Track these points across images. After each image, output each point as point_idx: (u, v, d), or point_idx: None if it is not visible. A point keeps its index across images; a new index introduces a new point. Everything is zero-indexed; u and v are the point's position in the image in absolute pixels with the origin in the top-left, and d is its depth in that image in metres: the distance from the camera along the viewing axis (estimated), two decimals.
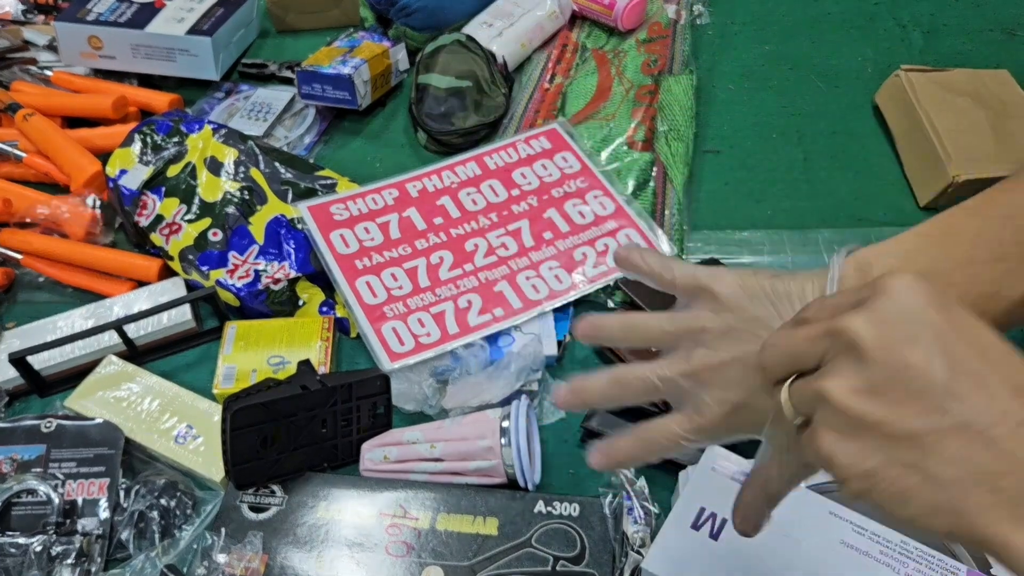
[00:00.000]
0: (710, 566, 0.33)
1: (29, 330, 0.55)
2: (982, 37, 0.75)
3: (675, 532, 0.35)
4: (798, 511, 0.34)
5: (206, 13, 0.72)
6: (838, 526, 0.34)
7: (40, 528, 0.43)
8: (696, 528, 0.34)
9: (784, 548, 0.33)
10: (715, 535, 0.34)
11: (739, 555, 0.33)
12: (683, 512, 0.35)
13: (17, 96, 0.69)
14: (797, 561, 0.33)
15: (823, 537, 0.33)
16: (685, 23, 0.76)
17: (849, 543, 0.33)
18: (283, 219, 0.57)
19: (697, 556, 0.33)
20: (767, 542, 0.30)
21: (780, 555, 0.33)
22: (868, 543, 0.33)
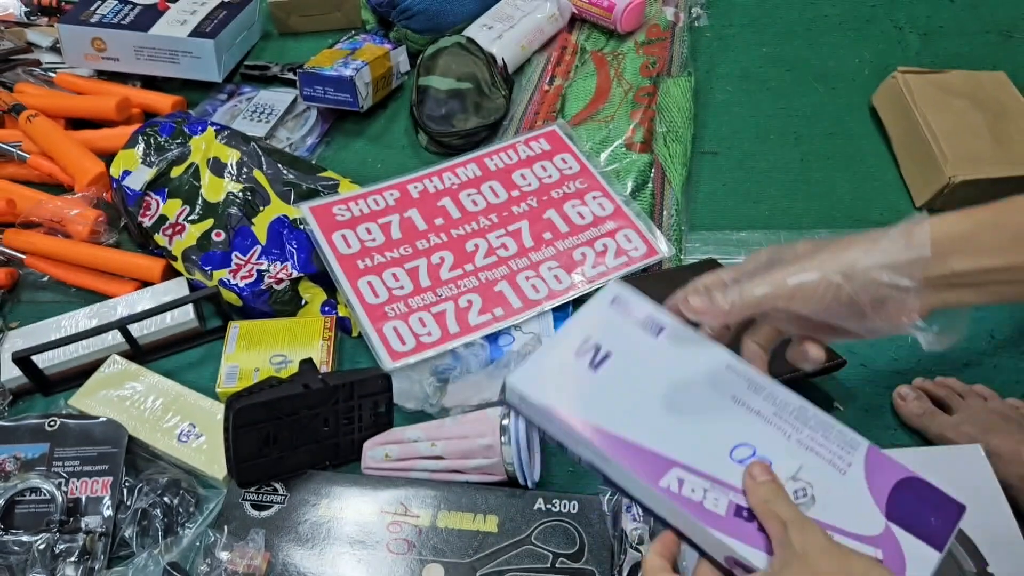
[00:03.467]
0: (582, 396, 0.29)
1: (33, 330, 0.55)
2: (979, 39, 0.75)
3: (553, 353, 0.31)
4: (694, 357, 0.30)
5: (209, 15, 0.73)
6: (732, 380, 0.30)
7: (44, 526, 0.43)
8: (578, 355, 0.30)
9: (668, 392, 0.30)
10: (595, 365, 0.30)
11: (616, 390, 0.30)
12: (568, 336, 0.31)
13: (21, 98, 0.69)
14: (680, 408, 0.29)
15: (714, 389, 0.30)
16: (683, 25, 0.77)
17: (741, 399, 0.29)
18: (285, 220, 0.57)
19: (570, 382, 0.30)
20: (651, 382, 0.29)
21: (661, 399, 0.29)
22: (762, 403, 0.29)
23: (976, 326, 0.53)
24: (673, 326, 0.31)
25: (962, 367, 0.50)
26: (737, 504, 0.27)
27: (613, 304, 0.32)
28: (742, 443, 0.29)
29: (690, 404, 0.30)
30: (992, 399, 0.48)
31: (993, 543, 0.39)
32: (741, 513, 0.27)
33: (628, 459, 0.28)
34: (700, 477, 0.28)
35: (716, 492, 0.28)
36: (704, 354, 0.31)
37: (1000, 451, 0.43)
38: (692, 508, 0.27)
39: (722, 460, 0.28)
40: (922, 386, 0.49)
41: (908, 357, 0.51)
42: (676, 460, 0.28)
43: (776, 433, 0.29)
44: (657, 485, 0.28)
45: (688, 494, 0.27)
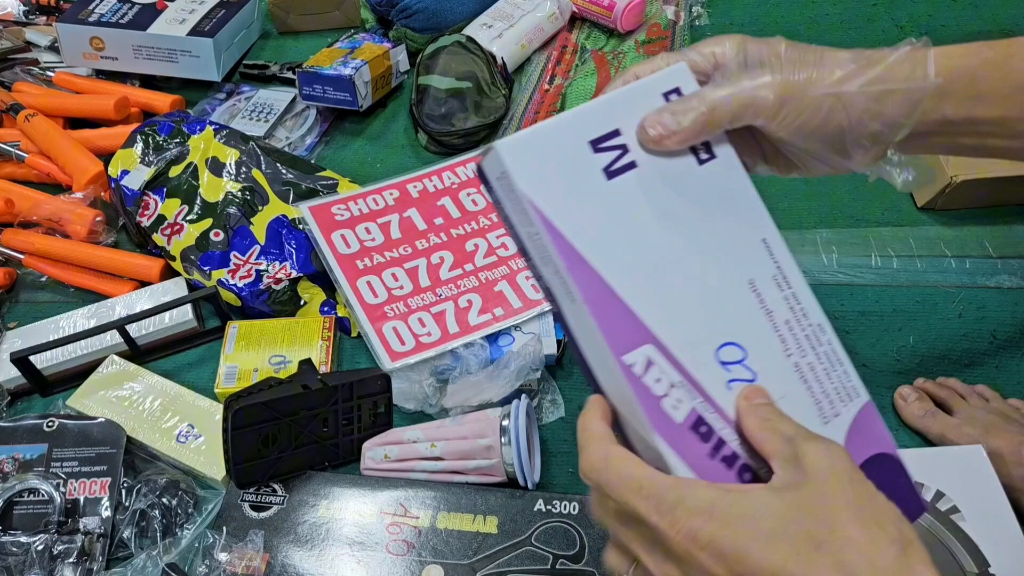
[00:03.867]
0: (578, 205, 0.23)
1: (31, 330, 0.55)
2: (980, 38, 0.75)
3: (566, 132, 0.24)
4: (731, 212, 0.24)
5: (207, 14, 0.72)
6: (759, 260, 0.25)
7: (42, 527, 0.43)
8: (595, 149, 0.24)
9: (681, 245, 0.24)
10: (611, 172, 0.23)
11: (621, 217, 0.23)
12: (593, 116, 0.24)
13: (19, 97, 0.69)
14: (686, 270, 0.24)
15: (735, 262, 0.24)
16: (684, 24, 0.77)
17: (759, 288, 0.24)
18: (284, 219, 0.57)
19: (571, 180, 0.23)
20: (668, 223, 0.24)
21: (670, 250, 0.24)
22: (780, 302, 0.24)
23: (978, 327, 0.52)
24: (728, 158, 0.25)
25: (964, 367, 0.50)
26: (699, 416, 0.23)
27: (670, 98, 0.25)
28: (735, 342, 0.23)
29: (700, 269, 0.24)
30: (994, 400, 0.47)
31: (995, 544, 0.39)
32: (699, 429, 0.22)
33: (600, 311, 0.22)
34: (673, 367, 0.23)
35: (682, 392, 0.22)
36: (744, 213, 0.25)
37: (1002, 452, 0.43)
38: (647, 402, 0.22)
39: (706, 354, 0.23)
40: (923, 386, 0.48)
41: (909, 357, 0.51)
42: (655, 335, 0.23)
43: (777, 345, 0.24)
44: (620, 359, 0.22)
45: (650, 383, 0.22)
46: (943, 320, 0.53)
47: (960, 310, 0.53)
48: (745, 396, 0.23)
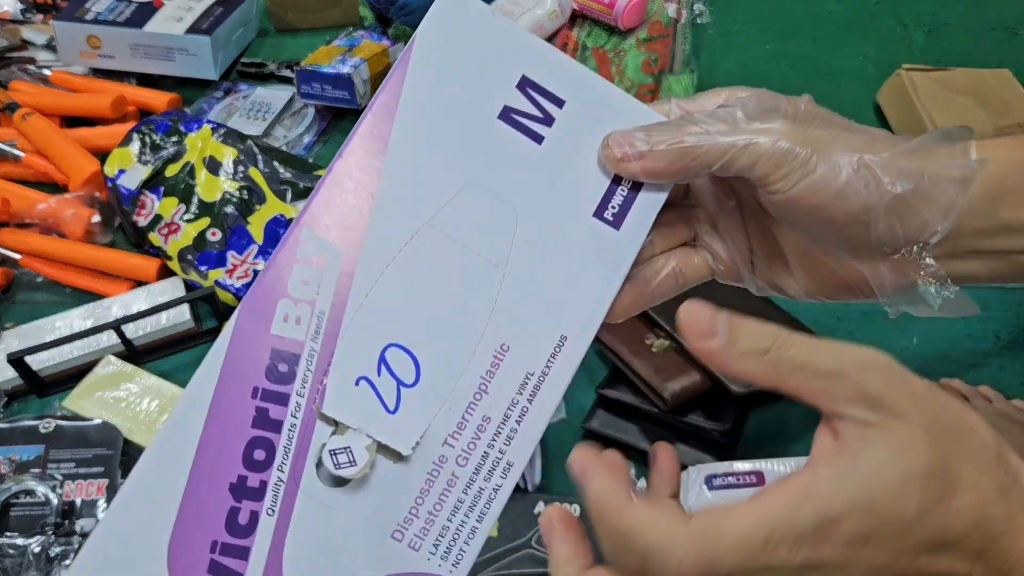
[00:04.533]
0: (447, 95, 0.20)
1: (27, 330, 0.54)
2: (984, 36, 0.74)
3: (508, 39, 0.20)
4: (577, 267, 0.20)
5: (205, 12, 0.72)
6: (535, 345, 0.19)
7: (39, 529, 0.43)
8: (521, 88, 0.20)
9: (488, 244, 0.19)
10: (509, 120, 0.20)
11: (467, 153, 0.19)
12: (549, 62, 0.21)
13: (15, 95, 0.69)
14: (464, 260, 0.19)
15: (510, 313, 0.19)
16: (686, 22, 0.76)
17: (502, 361, 0.19)
18: (282, 219, 0.56)
19: (465, 70, 0.20)
20: (496, 211, 0.19)
21: (475, 235, 0.19)
22: (505, 394, 0.19)
23: (981, 327, 0.52)
24: (645, 212, 0.20)
25: (967, 368, 0.50)
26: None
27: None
28: (416, 358, 0.18)
29: (476, 274, 0.19)
30: (997, 401, 0.47)
31: None
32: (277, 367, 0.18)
33: (338, 181, 0.19)
34: (328, 295, 0.18)
35: (304, 324, 0.18)
36: (587, 284, 0.19)
37: None
38: (268, 278, 0.18)
39: (372, 337, 0.18)
40: None
41: (912, 359, 0.51)
42: (357, 260, 0.18)
43: (450, 421, 0.18)
44: (301, 227, 0.19)
45: (291, 277, 0.18)
46: (946, 321, 0.52)
47: None
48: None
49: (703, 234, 0.23)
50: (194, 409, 0.18)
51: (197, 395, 0.18)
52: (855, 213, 0.19)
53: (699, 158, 0.19)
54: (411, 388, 0.18)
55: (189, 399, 0.18)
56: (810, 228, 0.21)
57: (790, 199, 0.19)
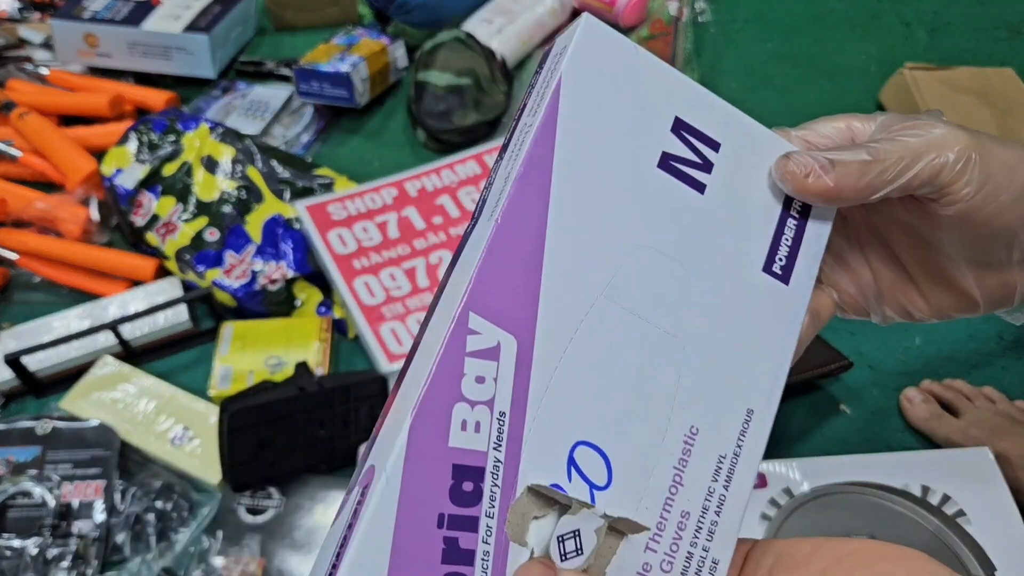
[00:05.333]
0: (601, 140, 0.18)
1: (24, 330, 0.54)
2: (987, 35, 0.74)
3: (658, 78, 0.19)
4: (755, 335, 0.18)
5: (203, 10, 0.72)
6: (722, 428, 0.18)
7: (36, 530, 0.43)
8: (676, 131, 0.19)
9: (666, 319, 0.17)
10: (669, 168, 0.18)
11: (630, 210, 0.17)
12: (700, 101, 0.19)
13: (12, 94, 0.68)
14: (639, 334, 0.17)
15: (694, 396, 0.18)
16: (687, 20, 0.76)
17: (692, 446, 0.17)
18: (280, 218, 0.56)
19: (618, 116, 0.18)
20: (669, 275, 0.17)
21: (650, 306, 0.17)
22: (701, 484, 0.17)
23: (984, 328, 0.52)
24: (810, 266, 0.19)
25: (970, 369, 0.50)
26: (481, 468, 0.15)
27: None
28: (608, 457, 0.16)
29: (653, 356, 0.17)
30: (1000, 402, 0.47)
31: (1002, 548, 0.38)
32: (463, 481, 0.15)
33: (501, 251, 0.16)
34: (510, 388, 0.16)
35: (483, 432, 0.15)
36: (766, 350, 0.18)
37: (1008, 454, 0.42)
38: (439, 382, 0.15)
39: (561, 430, 0.16)
40: (930, 389, 0.48)
41: (915, 359, 0.50)
42: (533, 345, 0.16)
43: (648, 521, 0.16)
44: (465, 311, 0.16)
45: (465, 379, 0.15)
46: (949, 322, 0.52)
47: None
48: None
49: (829, 271, 0.22)
50: (375, 551, 0.14)
51: (376, 533, 0.14)
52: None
53: (884, 172, 0.18)
54: (604, 491, 0.16)
55: (367, 539, 0.14)
56: (971, 240, 0.20)
57: (968, 209, 0.19)
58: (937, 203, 0.19)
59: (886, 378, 0.49)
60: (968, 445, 0.43)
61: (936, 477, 0.41)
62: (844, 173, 0.18)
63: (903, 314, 0.22)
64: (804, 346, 0.21)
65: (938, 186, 0.19)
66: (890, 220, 0.21)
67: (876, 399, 0.48)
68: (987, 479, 0.40)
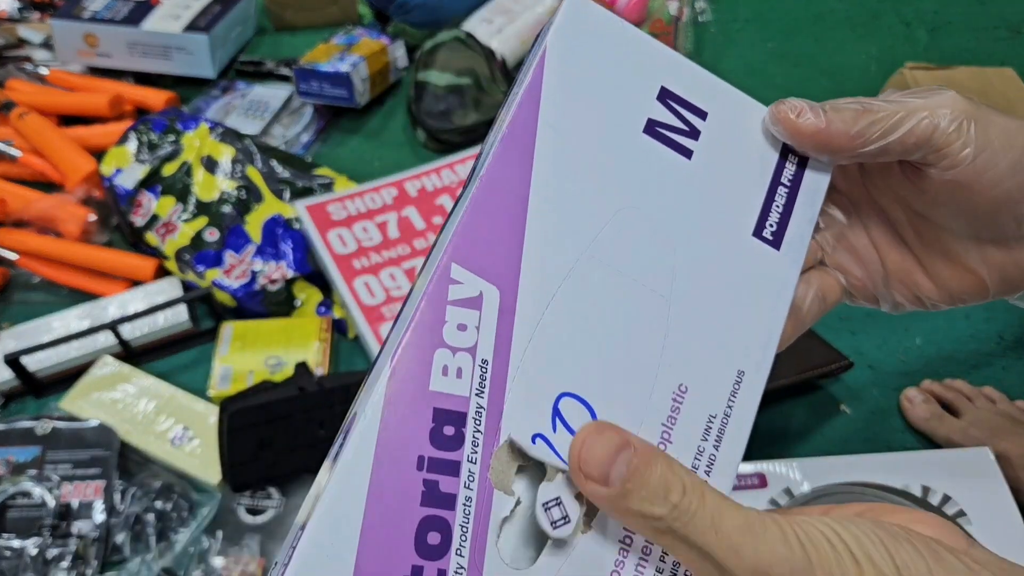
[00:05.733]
0: (586, 108, 0.18)
1: (24, 330, 0.54)
2: (987, 34, 0.74)
3: (642, 49, 0.19)
4: (745, 296, 0.18)
5: (203, 10, 0.72)
6: (713, 383, 0.17)
7: (35, 531, 0.43)
8: (662, 99, 0.19)
9: (652, 271, 0.17)
10: (655, 134, 0.18)
11: (614, 176, 0.18)
12: (685, 72, 0.19)
13: (12, 94, 0.68)
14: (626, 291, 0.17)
15: (685, 355, 0.17)
16: (687, 20, 0.76)
17: (683, 401, 0.17)
18: (280, 218, 0.56)
19: (603, 86, 0.18)
20: (655, 235, 0.17)
21: (635, 264, 0.17)
22: (690, 439, 0.17)
23: (985, 328, 0.52)
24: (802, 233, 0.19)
25: (970, 369, 0.50)
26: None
27: None
28: (590, 404, 0.16)
29: (640, 313, 0.17)
30: (1001, 402, 0.47)
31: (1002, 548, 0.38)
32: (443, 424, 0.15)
33: (484, 207, 0.16)
34: (492, 351, 0.15)
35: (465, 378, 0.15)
36: (756, 313, 0.18)
37: (1009, 454, 0.42)
38: (421, 332, 0.15)
39: (545, 381, 0.16)
40: (930, 389, 0.48)
41: (916, 359, 0.50)
42: (516, 296, 0.16)
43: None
44: (449, 263, 0.16)
45: (446, 327, 0.15)
46: (950, 321, 0.52)
47: (967, 311, 0.52)
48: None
49: (832, 253, 0.22)
50: (351, 490, 0.14)
51: (352, 472, 0.14)
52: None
53: (876, 123, 0.18)
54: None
55: (342, 479, 0.14)
56: (973, 212, 0.19)
57: (966, 176, 0.18)
58: (934, 167, 0.19)
59: (886, 378, 0.49)
60: (968, 445, 0.43)
61: (936, 477, 0.41)
62: (836, 117, 0.18)
63: (912, 300, 0.22)
64: (808, 325, 0.20)
65: (933, 147, 0.18)
66: (890, 194, 0.21)
67: (876, 399, 0.48)
68: (987, 479, 0.40)
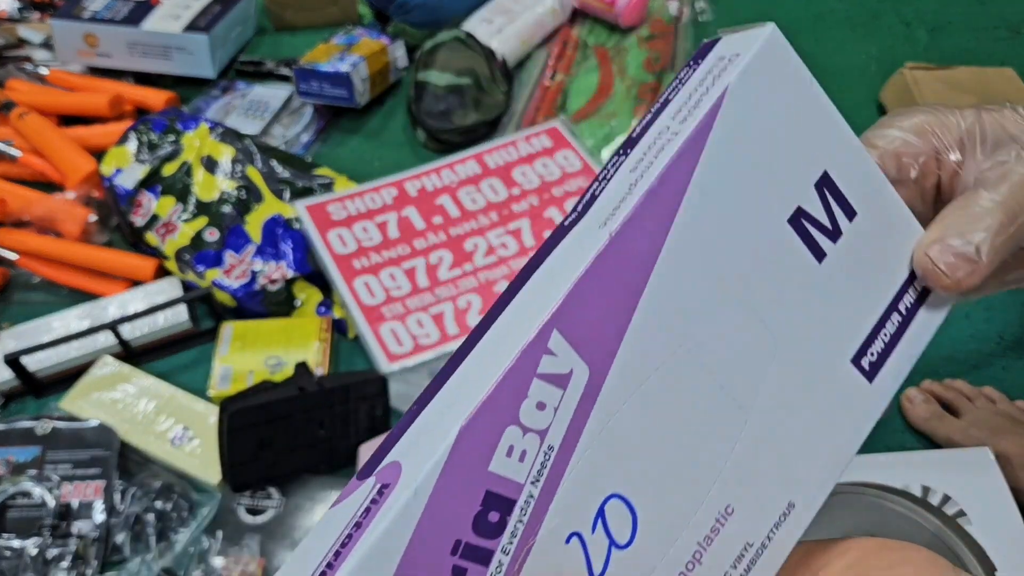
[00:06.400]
0: (742, 168, 0.16)
1: (24, 330, 0.54)
2: (987, 34, 0.74)
3: (821, 115, 0.18)
4: (821, 430, 0.17)
5: (203, 10, 0.72)
6: (757, 517, 0.16)
7: (35, 531, 0.43)
8: (818, 189, 0.17)
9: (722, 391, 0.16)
10: (793, 223, 0.16)
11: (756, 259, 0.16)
12: (851, 151, 0.18)
13: (12, 94, 0.68)
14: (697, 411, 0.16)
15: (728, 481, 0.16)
16: (687, 20, 0.76)
17: (723, 524, 0.16)
18: (280, 218, 0.56)
19: (768, 171, 0.16)
20: (756, 357, 0.16)
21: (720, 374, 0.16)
22: (723, 562, 0.16)
23: (985, 328, 0.52)
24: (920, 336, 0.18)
25: (971, 369, 0.50)
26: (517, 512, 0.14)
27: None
28: (635, 509, 0.15)
29: (701, 437, 0.16)
30: (1001, 402, 0.47)
31: (1002, 548, 0.38)
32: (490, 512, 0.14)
33: (607, 268, 0.14)
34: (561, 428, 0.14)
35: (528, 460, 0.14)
36: (830, 446, 0.17)
37: (1009, 454, 0.42)
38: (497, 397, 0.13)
39: (597, 480, 0.15)
40: (930, 388, 0.48)
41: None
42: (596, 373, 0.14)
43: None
44: (549, 327, 0.14)
45: (525, 400, 0.14)
46: (950, 321, 0.52)
47: (967, 311, 0.52)
48: None
49: None
50: (382, 562, 0.13)
51: (389, 543, 0.13)
52: None
53: (1016, 233, 0.17)
54: (622, 550, 0.15)
55: (379, 547, 0.13)
56: None
57: None
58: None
59: None
60: (969, 445, 0.43)
61: (936, 477, 0.41)
62: (989, 260, 0.17)
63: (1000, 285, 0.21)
64: None
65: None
66: None
67: None
68: (987, 479, 0.40)
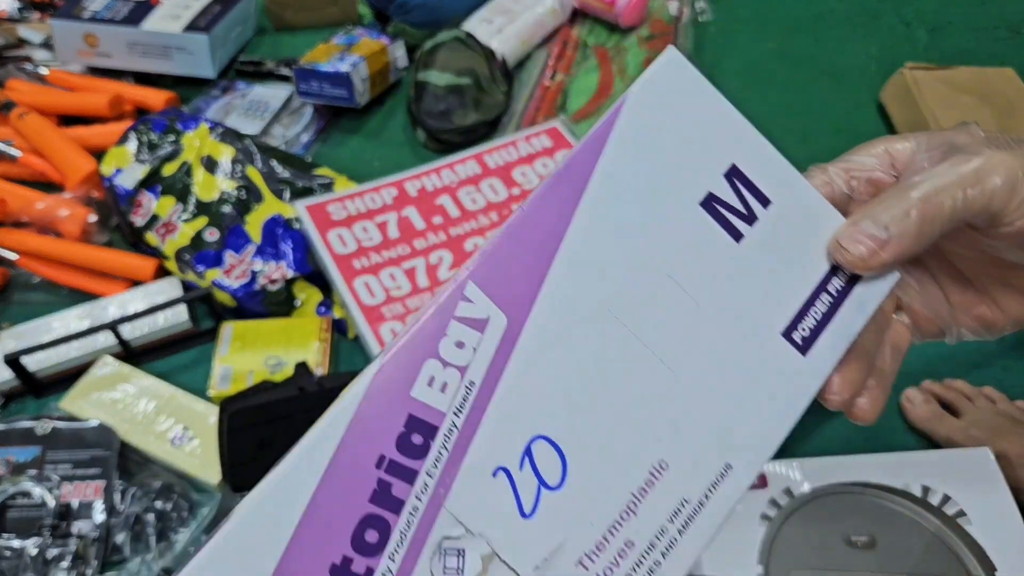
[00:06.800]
0: (648, 169, 0.18)
1: (24, 331, 0.54)
2: (987, 34, 0.74)
3: (720, 123, 0.19)
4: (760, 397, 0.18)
5: (203, 10, 0.72)
6: (693, 473, 0.17)
7: (35, 531, 0.43)
8: (729, 178, 0.19)
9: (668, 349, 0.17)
10: (709, 208, 0.18)
11: (657, 241, 0.17)
12: (756, 149, 0.19)
13: (12, 94, 0.68)
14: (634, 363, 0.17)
15: (667, 440, 0.17)
16: (687, 20, 0.76)
17: (657, 481, 0.17)
18: (280, 218, 0.56)
19: (668, 151, 0.18)
20: (682, 317, 0.17)
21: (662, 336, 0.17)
22: (653, 520, 0.16)
23: None
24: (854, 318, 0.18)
25: (971, 369, 0.50)
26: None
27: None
28: (564, 453, 0.16)
29: (639, 389, 0.17)
30: (1001, 402, 0.47)
31: (1002, 548, 0.38)
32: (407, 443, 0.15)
33: (519, 239, 0.16)
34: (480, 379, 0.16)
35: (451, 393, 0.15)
36: (771, 408, 0.17)
37: (1009, 454, 0.42)
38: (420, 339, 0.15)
39: (523, 418, 0.16)
40: (930, 389, 0.48)
41: (915, 359, 0.50)
42: (524, 322, 0.16)
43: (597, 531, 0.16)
44: (469, 281, 0.16)
45: (443, 338, 0.15)
46: None
47: None
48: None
49: (898, 293, 0.22)
50: (308, 466, 0.15)
51: (314, 450, 0.15)
52: None
53: (935, 220, 0.18)
54: (553, 491, 0.16)
55: (304, 453, 0.15)
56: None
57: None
58: (994, 228, 0.19)
59: None
60: (969, 445, 0.43)
61: (936, 477, 0.41)
62: (899, 239, 0.18)
63: (977, 331, 0.22)
64: (892, 379, 0.21)
65: (991, 216, 0.18)
66: (952, 242, 0.21)
67: None
68: (987, 479, 0.40)
